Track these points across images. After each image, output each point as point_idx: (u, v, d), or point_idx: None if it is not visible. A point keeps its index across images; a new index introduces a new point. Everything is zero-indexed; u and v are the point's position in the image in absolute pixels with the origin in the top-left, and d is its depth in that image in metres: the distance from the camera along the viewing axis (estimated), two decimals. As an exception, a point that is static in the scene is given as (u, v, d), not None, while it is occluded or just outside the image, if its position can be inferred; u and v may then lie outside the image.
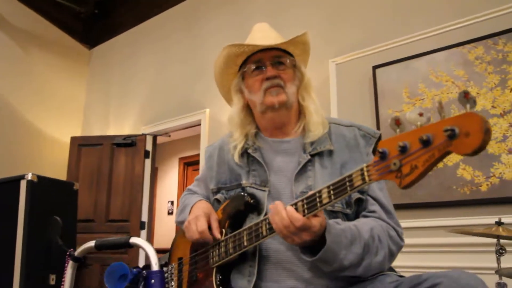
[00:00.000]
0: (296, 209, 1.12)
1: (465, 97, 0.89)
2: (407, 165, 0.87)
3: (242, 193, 1.38)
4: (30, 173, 2.09)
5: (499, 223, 2.03)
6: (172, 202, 7.51)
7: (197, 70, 4.95)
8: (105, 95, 5.95)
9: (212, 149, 1.60)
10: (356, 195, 1.30)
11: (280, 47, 1.44)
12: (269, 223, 1.19)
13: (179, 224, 1.58)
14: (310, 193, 1.11)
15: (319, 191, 1.09)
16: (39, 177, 2.11)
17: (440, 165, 3.05)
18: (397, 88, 3.36)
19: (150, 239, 4.99)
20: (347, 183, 1.02)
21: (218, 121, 4.56)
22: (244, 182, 1.41)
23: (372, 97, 3.44)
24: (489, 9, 3.03)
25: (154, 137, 5.28)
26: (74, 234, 2.23)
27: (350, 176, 1.02)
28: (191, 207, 1.48)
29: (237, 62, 1.50)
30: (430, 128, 0.84)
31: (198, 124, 4.83)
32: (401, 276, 1.20)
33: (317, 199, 1.09)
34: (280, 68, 1.42)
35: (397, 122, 0.91)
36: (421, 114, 0.86)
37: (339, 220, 1.24)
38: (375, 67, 3.49)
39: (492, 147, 2.87)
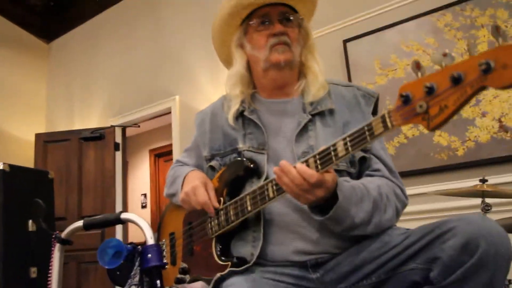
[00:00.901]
0: (308, 165, 1.07)
1: (417, 67, 0.89)
2: (436, 106, 0.84)
3: (240, 159, 1.31)
4: (2, 163, 1.96)
5: (483, 181, 2.05)
6: (145, 195, 7.37)
7: (163, 55, 4.83)
8: (68, 88, 5.74)
9: (203, 114, 1.52)
10: (359, 154, 1.26)
11: (289, 3, 1.38)
12: (276, 184, 1.14)
13: (170, 197, 1.51)
14: (322, 147, 1.07)
15: (333, 144, 1.04)
16: (11, 166, 1.99)
17: (416, 133, 3.08)
18: (368, 60, 3.37)
19: (125, 233, 4.86)
20: (367, 132, 0.98)
21: (190, 108, 4.47)
22: (240, 146, 1.34)
23: (345, 71, 3.43)
24: (455, -24, 3.05)
25: (124, 129, 5.13)
26: (53, 222, 2.12)
27: (369, 124, 0.97)
28: (184, 178, 1.41)
29: (242, 15, 1.39)
30: (461, 66, 0.80)
31: (168, 112, 4.72)
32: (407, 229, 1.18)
33: (332, 153, 1.04)
34: (287, 25, 1.36)
35: (417, 66, 0.88)
36: (445, 55, 0.83)
37: (347, 178, 1.21)
38: (345, 41, 3.48)
39: (466, 112, 2.91)
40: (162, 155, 7.29)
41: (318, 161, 1.06)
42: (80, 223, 1.25)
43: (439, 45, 3.08)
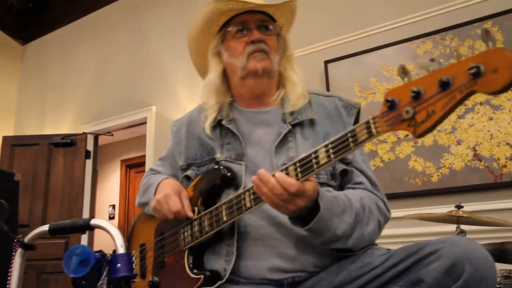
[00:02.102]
0: (287, 174, 1.03)
1: (403, 72, 0.87)
2: (423, 111, 0.81)
3: (217, 167, 1.26)
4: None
5: (458, 207, 2.05)
6: (113, 206, 7.17)
7: (142, 65, 4.76)
8: (41, 92, 5.59)
9: (180, 123, 1.47)
10: (341, 166, 1.23)
11: (267, 11, 1.35)
12: (254, 193, 1.09)
13: (141, 206, 1.45)
14: (303, 155, 1.03)
15: (315, 152, 1.01)
16: (-26, 165, 1.88)
17: (392, 157, 3.10)
18: (349, 82, 3.39)
19: (91, 242, 4.70)
20: (350, 139, 0.95)
21: (166, 119, 4.40)
22: (218, 156, 1.29)
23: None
24: (437, 6, 3.12)
25: (96, 137, 5.01)
26: (15, 226, 2.01)
27: (352, 131, 0.94)
28: (157, 186, 1.35)
29: (219, 22, 1.36)
30: (449, 70, 0.79)
31: (143, 122, 4.64)
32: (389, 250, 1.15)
33: (313, 160, 1.00)
34: (266, 33, 1.33)
35: (404, 71, 0.86)
36: (432, 60, 0.81)
37: (329, 188, 1.17)
38: (327, 62, 3.50)
39: (442, 139, 2.94)
40: (134, 166, 7.13)
41: (298, 169, 1.02)
42: (45, 227, 1.17)
43: (417, 72, 3.11)
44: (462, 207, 2.05)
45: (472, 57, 0.75)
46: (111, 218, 7.09)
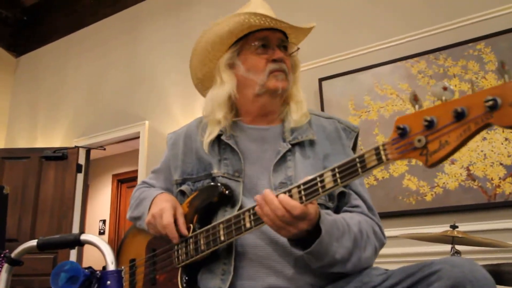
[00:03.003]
0: (291, 196, 1.01)
1: (415, 99, 0.85)
2: (435, 141, 0.80)
3: (215, 184, 1.24)
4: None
5: (453, 227, 2.04)
6: (104, 221, 7.09)
7: (136, 80, 4.75)
8: (33, 105, 5.56)
9: (176, 136, 1.44)
10: (339, 188, 1.21)
11: (287, 32, 1.35)
12: (255, 213, 1.06)
13: (133, 220, 1.41)
14: (307, 178, 1.01)
15: (320, 175, 0.99)
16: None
17: (386, 175, 3.09)
18: (343, 100, 3.39)
19: (80, 258, 4.62)
20: (358, 164, 0.93)
21: (159, 134, 4.38)
22: (215, 171, 1.27)
23: (319, 109, 3.44)
24: (431, 26, 3.16)
25: (88, 150, 4.96)
26: (3, 240, 1.97)
27: (361, 156, 0.93)
28: (152, 200, 1.31)
29: (241, 34, 1.32)
30: (465, 101, 0.77)
31: (136, 137, 4.61)
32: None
33: (318, 184, 0.99)
34: (285, 53, 1.33)
35: (415, 98, 0.85)
36: (445, 88, 0.80)
37: (329, 211, 1.15)
38: (321, 80, 3.51)
39: (435, 158, 2.94)
40: (126, 181, 7.08)
41: (302, 192, 1.00)
42: (33, 242, 1.14)
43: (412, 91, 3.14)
44: (457, 227, 2.03)
45: (489, 90, 0.74)
46: (102, 233, 7.00)
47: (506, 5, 2.92)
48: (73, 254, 4.51)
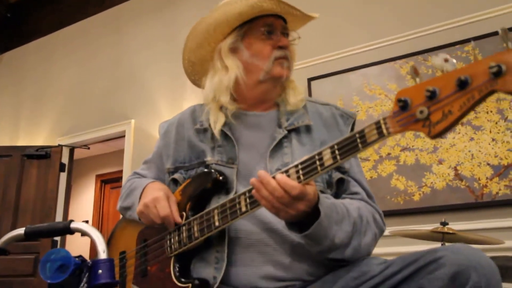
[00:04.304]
0: (288, 176, 0.98)
1: (415, 72, 0.86)
2: (438, 111, 0.79)
3: (208, 170, 1.21)
4: None
5: (443, 224, 2.04)
6: (86, 222, 6.95)
7: (121, 77, 4.69)
8: (16, 103, 5.44)
9: (169, 124, 1.41)
10: (337, 175, 1.20)
11: (288, 20, 1.33)
12: (250, 197, 1.04)
13: (123, 211, 1.37)
14: (305, 157, 0.99)
15: (319, 153, 0.97)
16: None
17: (374, 175, 3.09)
18: (332, 100, 3.33)
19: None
20: (358, 140, 0.91)
21: (145, 133, 4.32)
22: (208, 159, 1.24)
23: (308, 109, 3.43)
24: (420, 27, 3.18)
25: (72, 149, 4.87)
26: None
27: (361, 131, 0.91)
28: (143, 189, 1.28)
29: (248, 18, 1.28)
30: (468, 69, 0.76)
31: (122, 136, 4.54)
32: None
33: (317, 162, 0.96)
34: (288, 41, 1.31)
35: (415, 71, 0.83)
36: (446, 60, 0.79)
37: (328, 195, 1.13)
38: (310, 79, 3.51)
39: (423, 158, 2.95)
40: (109, 181, 6.97)
41: (300, 171, 0.98)
42: (21, 230, 1.10)
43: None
44: (447, 223, 2.03)
45: (493, 56, 0.73)
46: (83, 234, 6.88)
47: (494, 7, 2.95)
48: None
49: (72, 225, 1.08)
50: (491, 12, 2.96)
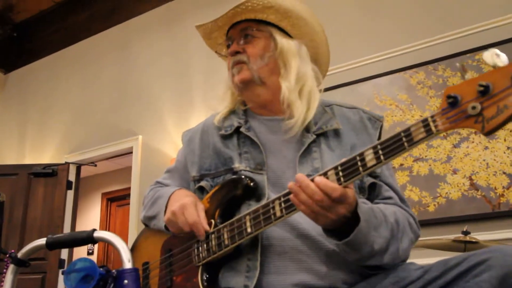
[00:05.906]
0: (327, 178, 0.95)
1: (463, 70, 0.84)
2: (492, 107, 0.76)
3: (238, 176, 1.17)
4: None
5: (465, 233, 1.99)
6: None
7: (128, 94, 4.69)
8: (22, 121, 5.44)
9: (192, 132, 1.38)
10: (369, 180, 1.16)
11: (248, 17, 1.27)
12: (286, 201, 1.00)
13: (147, 221, 1.33)
14: (344, 159, 0.96)
15: (360, 154, 0.93)
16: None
17: (388, 187, 3.04)
18: (342, 112, 3.37)
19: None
20: (404, 138, 0.87)
21: (152, 150, 4.30)
22: (236, 165, 1.20)
23: (318, 121, 3.41)
24: (429, 37, 3.17)
25: (78, 167, 4.85)
26: None
27: (406, 130, 0.87)
28: (169, 197, 1.24)
29: (219, 41, 1.37)
30: None
31: (129, 152, 4.51)
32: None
33: (359, 163, 0.93)
34: (247, 42, 1.27)
35: (463, 69, 0.81)
36: (497, 55, 0.77)
37: (365, 200, 1.09)
38: (320, 91, 3.48)
39: (437, 168, 2.91)
40: (116, 199, 6.92)
41: (340, 173, 0.94)
42: (42, 240, 1.06)
43: (411, 101, 3.14)
44: (469, 233, 1.98)
45: None
46: (90, 253, 6.81)
47: (504, 16, 2.95)
48: (60, 278, 4.35)
49: (96, 234, 1.05)
50: (502, 20, 2.95)
